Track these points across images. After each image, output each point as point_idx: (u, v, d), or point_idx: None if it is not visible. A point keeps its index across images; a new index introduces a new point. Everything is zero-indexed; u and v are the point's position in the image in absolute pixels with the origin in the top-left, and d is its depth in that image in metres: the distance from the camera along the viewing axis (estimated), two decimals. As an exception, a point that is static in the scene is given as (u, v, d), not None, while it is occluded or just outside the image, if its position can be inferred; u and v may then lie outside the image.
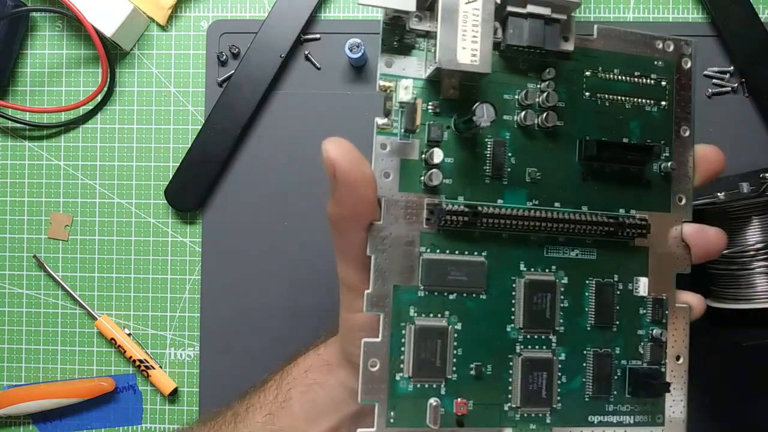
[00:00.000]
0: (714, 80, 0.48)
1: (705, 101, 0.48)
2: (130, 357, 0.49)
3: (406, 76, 0.28)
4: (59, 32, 0.51)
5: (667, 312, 0.31)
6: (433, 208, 0.28)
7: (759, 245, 0.37)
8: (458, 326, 0.28)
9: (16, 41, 0.49)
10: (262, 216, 0.49)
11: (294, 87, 0.49)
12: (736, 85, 0.47)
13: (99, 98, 0.50)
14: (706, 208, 0.38)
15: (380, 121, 0.27)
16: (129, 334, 0.49)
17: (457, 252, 0.28)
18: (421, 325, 0.27)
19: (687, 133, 0.32)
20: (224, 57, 0.49)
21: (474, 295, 0.28)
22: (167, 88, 0.50)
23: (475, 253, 0.29)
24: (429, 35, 0.28)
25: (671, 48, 0.32)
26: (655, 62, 0.31)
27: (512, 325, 0.29)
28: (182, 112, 0.50)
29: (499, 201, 0.29)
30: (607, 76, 0.31)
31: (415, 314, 0.28)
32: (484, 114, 0.26)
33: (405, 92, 0.27)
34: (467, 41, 0.26)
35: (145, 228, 0.50)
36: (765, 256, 0.38)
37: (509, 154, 0.29)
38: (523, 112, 0.29)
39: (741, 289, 0.38)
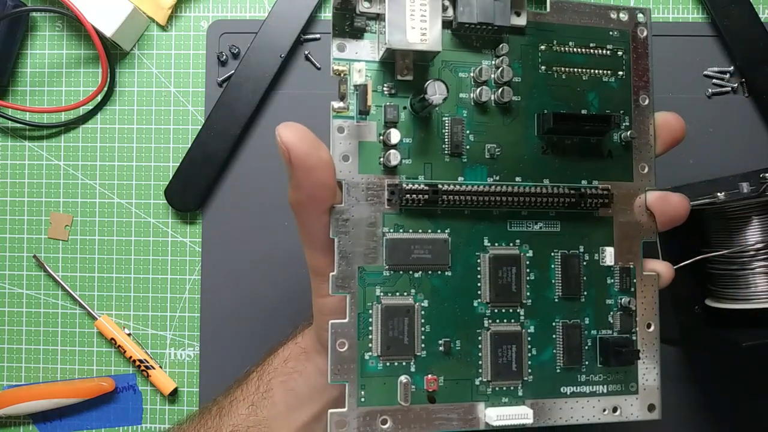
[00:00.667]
0: (714, 80, 0.48)
1: (705, 101, 0.48)
2: (130, 357, 0.49)
3: (359, 59, 0.28)
4: (59, 32, 0.51)
5: (635, 280, 0.31)
6: (394, 188, 0.28)
7: (759, 245, 0.37)
8: (425, 303, 0.29)
9: (16, 41, 0.49)
10: (262, 216, 0.49)
11: (294, 87, 0.49)
12: (736, 85, 0.47)
13: (99, 98, 0.50)
14: (705, 207, 0.38)
15: (336, 104, 0.27)
16: (129, 334, 0.49)
17: (420, 231, 0.29)
18: (387, 304, 0.28)
19: (646, 102, 0.32)
20: (224, 57, 0.49)
21: (439, 272, 0.29)
22: (167, 88, 0.50)
23: (438, 231, 0.29)
24: (379, 17, 0.28)
25: (626, 18, 0.32)
26: (611, 32, 0.32)
27: (479, 300, 0.29)
28: (182, 112, 0.50)
29: (460, 178, 0.29)
30: (563, 49, 0.31)
31: (381, 294, 0.28)
32: (435, 91, 0.27)
33: (359, 75, 0.27)
34: (416, 21, 0.27)
35: (145, 228, 0.50)
36: (765, 256, 0.38)
37: (467, 132, 0.29)
38: (479, 89, 0.29)
39: (741, 289, 0.38)
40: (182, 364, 0.50)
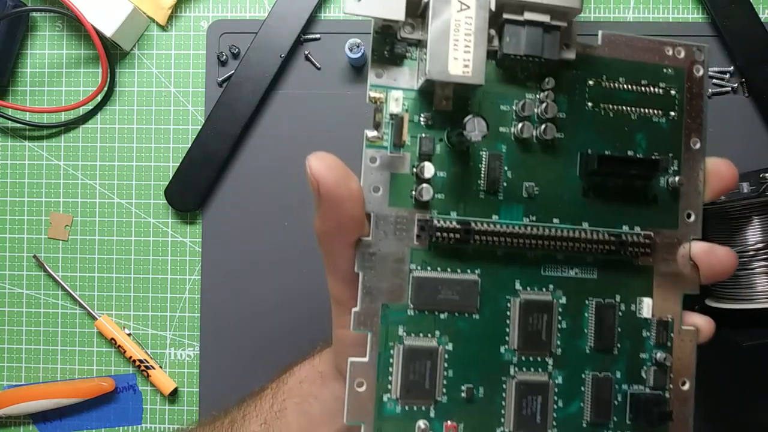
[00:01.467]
0: (714, 80, 0.48)
1: (705, 101, 0.48)
2: (130, 357, 0.49)
3: (397, 87, 0.27)
4: (59, 32, 0.51)
5: (672, 335, 0.29)
6: (424, 224, 0.27)
7: (759, 245, 0.37)
8: (449, 347, 0.27)
9: (16, 41, 0.49)
10: (262, 216, 0.49)
11: (294, 87, 0.49)
12: (736, 85, 0.47)
13: (99, 98, 0.50)
14: (706, 207, 0.38)
15: (370, 133, 0.26)
16: (129, 334, 0.49)
17: (449, 269, 0.27)
18: (410, 345, 0.26)
19: (698, 146, 0.30)
20: (224, 57, 0.49)
21: (466, 314, 0.27)
22: (167, 88, 0.50)
23: (468, 271, 0.27)
24: (421, 44, 0.27)
25: (682, 54, 0.30)
26: (664, 70, 0.30)
27: (506, 346, 0.28)
28: (182, 112, 0.50)
29: (494, 217, 0.28)
30: (612, 85, 0.29)
31: (404, 334, 0.27)
32: (475, 128, 0.25)
33: (395, 104, 0.26)
34: (459, 51, 0.25)
35: (145, 228, 0.50)
36: (765, 256, 0.38)
37: (505, 168, 0.28)
38: (521, 124, 0.28)
39: (741, 289, 0.38)
40: (182, 364, 0.50)
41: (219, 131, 0.48)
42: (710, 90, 0.48)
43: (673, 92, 0.30)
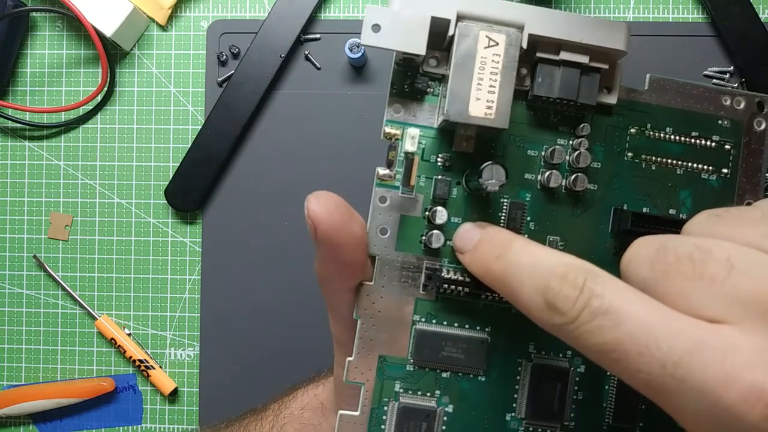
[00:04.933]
0: (714, 80, 0.48)
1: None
2: (130, 357, 0.49)
3: (414, 124, 0.25)
4: (59, 32, 0.51)
5: None
6: (432, 273, 0.24)
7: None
8: (449, 409, 0.25)
9: (16, 41, 0.49)
10: (262, 216, 0.49)
11: (294, 87, 0.49)
12: (736, 85, 0.47)
13: (99, 98, 0.50)
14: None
15: (381, 171, 0.24)
16: (129, 334, 0.49)
17: (456, 324, 0.25)
18: (405, 404, 0.24)
19: None
20: (224, 57, 0.49)
21: (471, 375, 0.25)
22: (167, 88, 0.50)
23: (477, 328, 0.25)
24: (445, 79, 0.25)
25: (742, 105, 0.26)
26: (720, 121, 0.26)
27: (513, 414, 0.25)
28: (182, 112, 0.50)
29: None
30: (657, 135, 0.26)
31: (401, 390, 0.25)
32: (492, 176, 0.23)
33: (411, 142, 0.24)
34: (483, 91, 0.23)
35: (145, 228, 0.50)
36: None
37: (528, 218, 0.25)
38: (548, 173, 0.25)
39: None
40: (182, 364, 0.50)
41: (219, 131, 0.48)
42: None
43: (727, 147, 0.26)
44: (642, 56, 0.48)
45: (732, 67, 0.47)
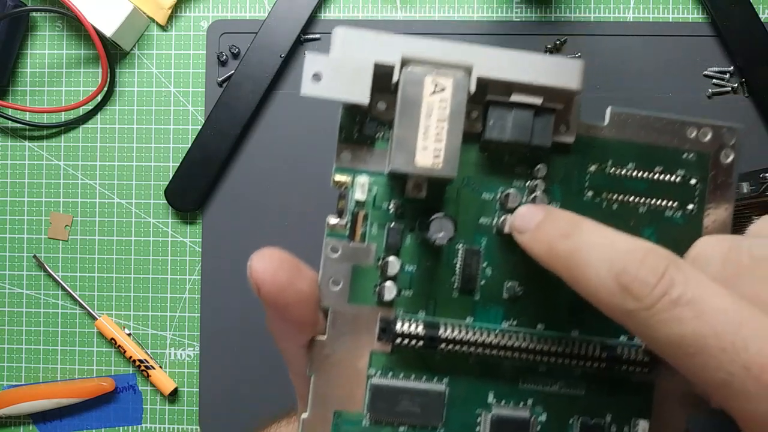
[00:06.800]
0: (714, 80, 0.48)
1: (705, 101, 0.48)
2: (130, 357, 0.49)
3: (366, 171, 0.24)
4: (59, 32, 0.51)
5: None
6: (386, 325, 0.23)
7: (759, 246, 0.37)
8: None
9: (16, 41, 0.49)
10: (262, 216, 0.49)
11: (294, 87, 0.49)
12: (736, 85, 0.47)
13: (99, 98, 0.50)
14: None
15: (332, 220, 0.23)
16: (129, 334, 0.49)
17: (413, 377, 0.24)
18: None
19: None
20: (224, 57, 0.49)
21: (428, 428, 0.24)
22: (167, 88, 0.50)
23: (435, 380, 0.24)
24: (393, 124, 0.24)
25: (708, 137, 0.25)
26: (684, 155, 0.25)
27: None
28: (182, 112, 0.50)
29: (469, 319, 0.24)
30: (619, 171, 0.25)
31: None
32: (440, 229, 0.22)
33: (361, 190, 0.23)
34: (430, 139, 0.22)
35: (145, 228, 0.50)
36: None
37: (484, 265, 0.24)
38: (503, 218, 0.24)
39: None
40: (182, 364, 0.50)
41: (219, 131, 0.48)
42: (710, 90, 0.48)
43: (693, 181, 0.25)
44: (642, 56, 0.48)
45: (732, 67, 0.47)
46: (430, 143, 0.22)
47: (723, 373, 0.16)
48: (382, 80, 0.23)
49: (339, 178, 0.23)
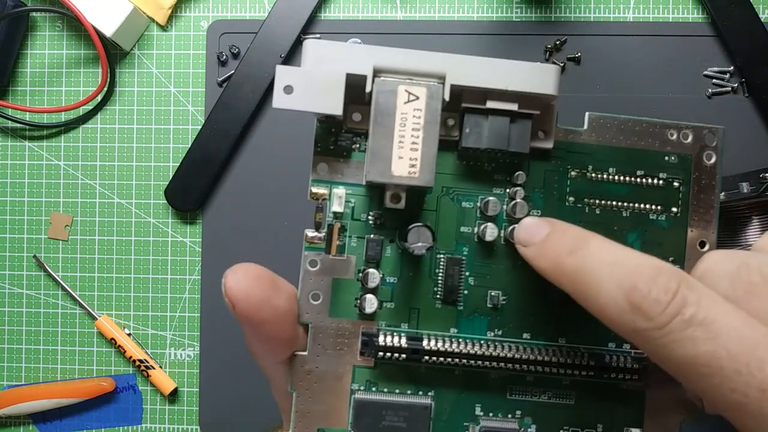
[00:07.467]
0: (714, 80, 0.48)
1: (705, 101, 0.48)
2: (130, 357, 0.49)
3: (342, 183, 0.23)
4: (59, 32, 0.51)
5: None
6: (369, 339, 0.23)
7: (759, 245, 0.37)
8: None
9: (16, 41, 0.49)
10: (262, 216, 0.49)
11: (294, 87, 0.49)
12: (736, 85, 0.47)
13: (99, 98, 0.50)
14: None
15: (310, 234, 0.23)
16: (129, 334, 0.49)
17: (397, 391, 0.24)
18: None
19: (706, 248, 0.25)
20: (224, 57, 0.49)
21: None
22: (167, 88, 0.50)
23: (420, 393, 0.24)
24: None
25: (689, 138, 0.25)
26: (666, 157, 0.25)
27: None
28: (182, 112, 0.50)
29: (453, 330, 0.24)
30: (600, 176, 0.25)
31: None
32: (418, 239, 0.22)
33: (339, 202, 0.23)
34: (405, 149, 0.21)
35: (145, 228, 0.50)
36: (765, 257, 0.37)
37: (466, 274, 0.24)
38: (483, 226, 0.24)
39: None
40: (182, 364, 0.50)
41: (219, 131, 0.48)
42: (710, 90, 0.48)
43: (676, 184, 0.25)
44: (642, 56, 0.48)
45: (732, 67, 0.47)
46: (405, 153, 0.21)
47: (738, 394, 0.16)
48: (356, 91, 0.22)
49: (316, 190, 0.23)
